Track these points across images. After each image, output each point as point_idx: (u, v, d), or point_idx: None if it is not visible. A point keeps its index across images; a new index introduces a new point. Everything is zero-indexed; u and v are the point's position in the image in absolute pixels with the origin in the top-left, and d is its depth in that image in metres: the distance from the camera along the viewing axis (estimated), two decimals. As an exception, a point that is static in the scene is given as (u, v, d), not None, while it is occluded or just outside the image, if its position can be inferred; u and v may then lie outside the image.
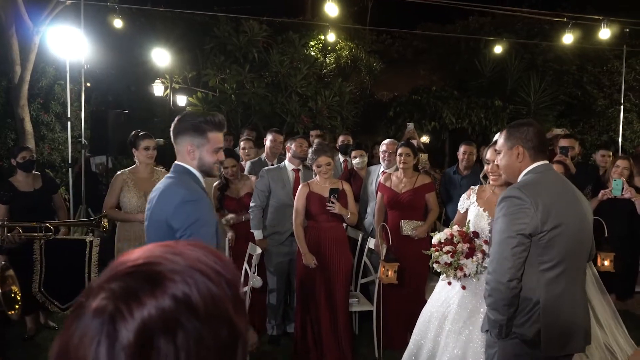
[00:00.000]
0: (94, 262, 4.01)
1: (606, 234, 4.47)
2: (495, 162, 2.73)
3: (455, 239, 3.03)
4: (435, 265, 3.07)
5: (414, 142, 5.81)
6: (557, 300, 2.37)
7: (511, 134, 2.55)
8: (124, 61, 10.47)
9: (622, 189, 4.58)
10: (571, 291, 2.41)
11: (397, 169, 4.88)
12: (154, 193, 2.52)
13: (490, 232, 3.07)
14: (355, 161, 5.67)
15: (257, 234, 4.70)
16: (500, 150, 2.60)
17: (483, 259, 3.01)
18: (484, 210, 3.16)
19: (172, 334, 0.66)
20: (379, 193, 4.84)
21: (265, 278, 4.65)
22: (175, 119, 2.51)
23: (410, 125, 7.40)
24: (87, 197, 6.42)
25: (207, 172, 2.52)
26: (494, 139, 3.28)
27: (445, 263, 3.03)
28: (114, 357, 0.64)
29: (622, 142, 10.79)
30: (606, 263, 4.34)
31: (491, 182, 3.18)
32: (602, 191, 4.72)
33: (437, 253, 3.07)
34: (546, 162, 2.52)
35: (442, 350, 3.10)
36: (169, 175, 2.53)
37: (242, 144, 5.94)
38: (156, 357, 0.65)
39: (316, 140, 5.29)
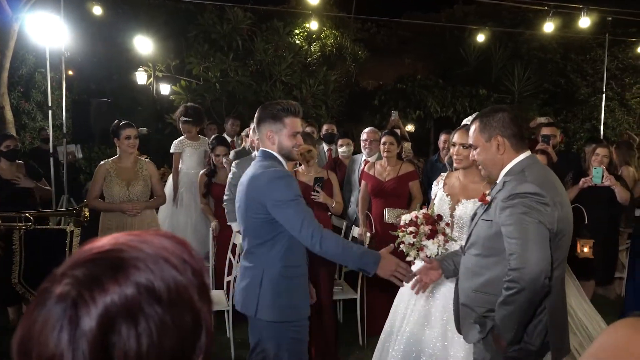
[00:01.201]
0: (75, 252, 3.98)
1: (586, 221, 4.54)
2: (472, 158, 2.47)
3: (419, 221, 3.07)
4: (401, 246, 3.10)
5: (398, 131, 5.83)
6: (559, 301, 2.29)
7: (486, 123, 2.30)
8: (107, 49, 10.34)
9: (602, 176, 4.63)
10: (564, 289, 2.36)
11: (379, 158, 4.89)
12: (244, 177, 2.72)
13: (451, 216, 3.09)
14: (341, 150, 5.67)
15: (235, 226, 4.66)
16: (476, 145, 2.36)
17: (445, 241, 3.03)
18: (447, 196, 3.17)
19: (134, 320, 0.67)
20: (362, 181, 4.85)
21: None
22: (258, 110, 2.73)
23: (395, 114, 7.41)
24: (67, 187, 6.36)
25: (287, 156, 2.72)
26: (463, 122, 3.28)
27: (409, 243, 3.06)
28: (76, 342, 0.65)
29: (603, 130, 10.92)
30: (585, 249, 4.41)
31: (455, 165, 3.18)
32: (582, 179, 4.78)
33: (402, 234, 3.10)
34: (530, 153, 2.33)
35: (406, 340, 3.13)
36: (256, 160, 2.76)
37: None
38: (118, 343, 0.66)
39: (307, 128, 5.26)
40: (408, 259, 3.08)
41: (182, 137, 5.71)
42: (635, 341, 0.79)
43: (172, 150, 5.67)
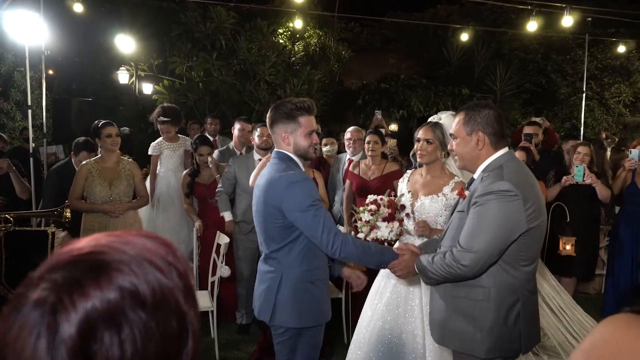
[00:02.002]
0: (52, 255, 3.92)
1: (568, 219, 4.61)
2: (449, 147, 2.53)
3: (382, 203, 3.09)
4: (358, 222, 3.12)
5: (383, 130, 5.85)
6: (532, 296, 2.34)
7: (471, 117, 2.33)
8: (88, 48, 10.23)
9: (584, 174, 4.70)
10: (535, 284, 2.40)
11: (363, 157, 4.90)
12: (260, 180, 2.63)
13: (412, 212, 3.15)
14: (325, 149, 5.67)
15: (227, 215, 4.66)
16: (456, 136, 2.39)
17: (400, 233, 3.05)
18: (408, 192, 3.24)
19: (117, 326, 0.64)
20: (347, 180, 4.86)
21: (233, 267, 4.63)
22: (269, 110, 2.64)
23: (378, 114, 7.44)
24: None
25: (303, 156, 2.64)
26: (429, 119, 3.32)
27: (365, 221, 3.07)
28: (55, 350, 0.61)
29: (583, 129, 11.07)
30: (568, 247, 4.47)
31: (418, 160, 3.21)
32: (564, 177, 4.84)
33: (362, 208, 3.12)
34: (508, 149, 2.37)
35: (376, 338, 3.15)
36: (271, 162, 2.64)
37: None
38: (100, 350, 0.63)
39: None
40: (359, 235, 3.10)
41: (159, 139, 5.60)
42: (625, 338, 0.79)
43: (149, 153, 5.53)
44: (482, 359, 2.26)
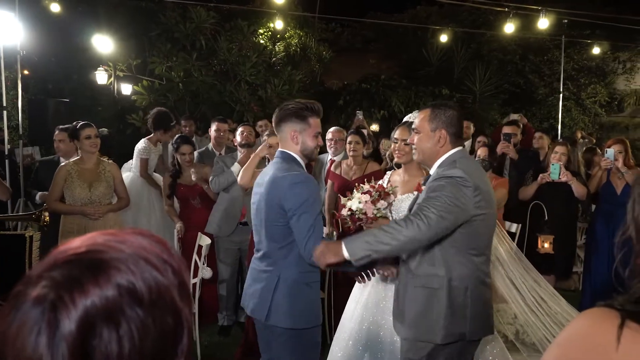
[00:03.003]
0: (34, 258, 3.85)
1: (546, 217, 4.68)
2: (410, 140, 2.62)
3: (373, 192, 3.10)
4: (343, 211, 3.12)
5: (365, 131, 5.87)
6: (482, 286, 2.44)
7: (437, 115, 2.47)
8: (65, 48, 10.06)
9: (559, 173, 4.79)
10: (488, 274, 2.52)
11: (344, 157, 4.92)
12: (261, 179, 2.67)
13: (390, 211, 3.19)
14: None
15: (235, 168, 4.47)
16: (419, 130, 2.51)
17: (373, 219, 3.05)
18: None
19: (115, 323, 0.66)
20: (329, 181, 4.86)
21: (215, 268, 4.61)
22: (277, 109, 2.66)
23: (360, 114, 7.46)
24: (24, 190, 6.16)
25: (308, 156, 2.69)
26: (405, 119, 3.36)
27: (350, 208, 3.06)
28: (55, 346, 0.63)
29: (561, 129, 11.26)
30: (546, 245, 4.55)
31: (395, 160, 3.26)
32: (540, 175, 4.92)
33: (356, 192, 3.11)
34: (462, 148, 2.54)
35: (356, 337, 3.18)
36: (274, 161, 2.67)
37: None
38: (98, 346, 0.65)
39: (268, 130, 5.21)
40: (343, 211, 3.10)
41: (146, 143, 5.54)
42: (600, 331, 0.81)
43: (142, 156, 5.45)
44: (437, 344, 2.38)
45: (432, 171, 2.51)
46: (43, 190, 4.85)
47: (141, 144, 5.54)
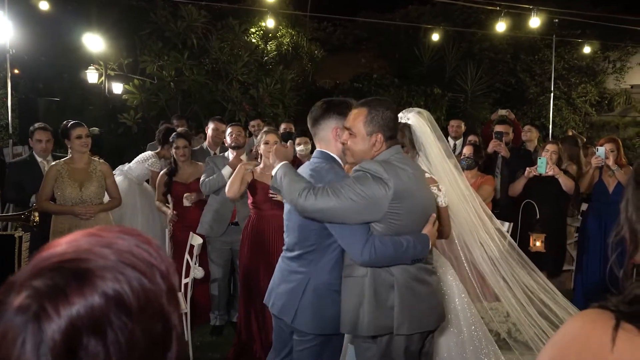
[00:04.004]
0: (24, 259, 3.82)
1: (537, 216, 4.70)
2: (342, 140, 2.43)
3: None
4: None
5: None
6: (411, 282, 2.36)
7: (373, 118, 2.31)
8: (55, 47, 9.98)
9: (546, 166, 4.80)
10: (423, 274, 2.42)
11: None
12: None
13: None
14: (299, 148, 5.66)
15: (226, 171, 4.46)
16: (354, 133, 2.34)
17: None
18: None
19: (101, 333, 0.64)
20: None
21: (207, 268, 4.59)
22: (314, 107, 2.55)
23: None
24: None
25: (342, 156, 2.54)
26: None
27: None
28: (41, 356, 0.61)
29: (552, 128, 11.32)
30: (538, 243, 4.57)
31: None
32: (527, 169, 4.93)
33: None
34: (396, 145, 2.41)
35: None
36: (313, 161, 2.53)
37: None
38: (85, 356, 0.63)
39: (265, 128, 5.20)
40: None
41: (154, 155, 5.51)
42: (595, 332, 0.81)
43: (153, 169, 5.43)
44: (365, 336, 2.35)
45: None
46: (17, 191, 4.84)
47: (149, 157, 5.48)
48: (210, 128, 5.38)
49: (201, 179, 4.61)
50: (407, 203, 2.30)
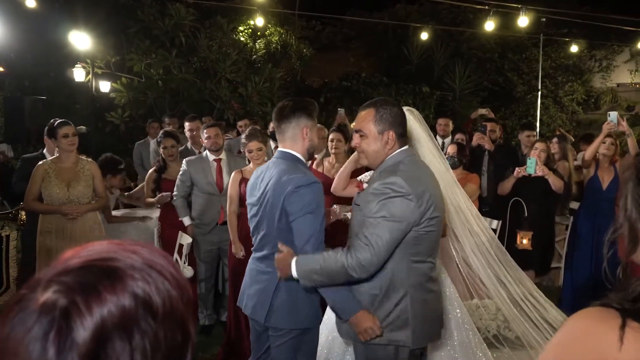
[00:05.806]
0: (12, 257, 3.78)
1: (526, 214, 4.73)
2: (354, 144, 2.43)
3: None
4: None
5: (346, 128, 5.87)
6: (424, 292, 2.33)
7: (382, 116, 2.30)
8: (42, 45, 9.86)
9: (535, 167, 4.81)
10: (434, 280, 2.41)
11: (326, 155, 4.91)
12: (266, 180, 2.53)
13: None
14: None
15: (187, 220, 4.60)
16: (365, 134, 2.34)
17: None
18: None
19: (129, 334, 0.62)
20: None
21: (195, 268, 4.57)
22: (283, 106, 2.55)
23: (342, 111, 7.45)
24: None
25: (312, 153, 2.65)
26: None
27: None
28: (64, 357, 0.59)
29: (539, 126, 11.40)
30: (525, 241, 4.59)
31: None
32: (517, 169, 4.94)
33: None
34: (407, 146, 2.39)
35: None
36: (275, 162, 2.55)
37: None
38: (110, 358, 0.61)
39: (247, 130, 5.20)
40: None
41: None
42: (600, 331, 0.80)
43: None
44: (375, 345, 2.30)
45: (375, 173, 2.39)
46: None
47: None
48: (186, 129, 5.37)
49: (174, 193, 4.60)
50: (433, 200, 2.27)
